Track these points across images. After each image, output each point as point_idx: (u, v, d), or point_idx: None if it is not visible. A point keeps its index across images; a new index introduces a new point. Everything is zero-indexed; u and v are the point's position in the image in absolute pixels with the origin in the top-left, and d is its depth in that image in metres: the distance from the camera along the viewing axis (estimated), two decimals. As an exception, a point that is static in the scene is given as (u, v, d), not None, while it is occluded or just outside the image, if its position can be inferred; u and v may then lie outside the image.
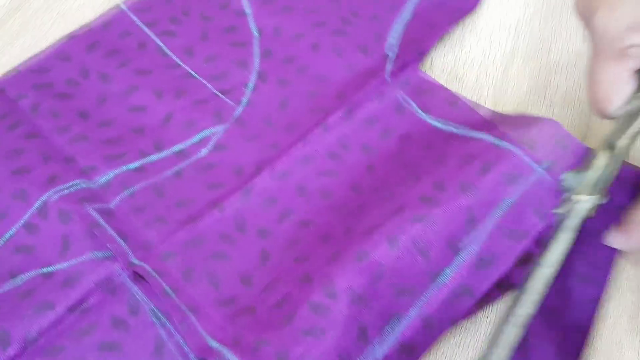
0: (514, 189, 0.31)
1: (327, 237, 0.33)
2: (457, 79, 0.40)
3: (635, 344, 0.31)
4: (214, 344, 0.30)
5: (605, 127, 0.38)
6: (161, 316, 0.31)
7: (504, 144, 0.33)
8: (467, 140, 0.35)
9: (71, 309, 0.31)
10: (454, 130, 0.37)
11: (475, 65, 0.41)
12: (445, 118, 0.37)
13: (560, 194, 0.30)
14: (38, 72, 0.40)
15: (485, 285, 0.30)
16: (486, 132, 0.34)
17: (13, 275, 0.32)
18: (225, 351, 0.29)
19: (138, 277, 0.31)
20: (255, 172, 0.35)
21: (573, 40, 0.42)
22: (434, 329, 0.30)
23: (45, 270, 0.32)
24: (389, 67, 0.39)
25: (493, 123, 0.36)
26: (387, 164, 0.36)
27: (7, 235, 0.33)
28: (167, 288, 0.31)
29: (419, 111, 0.38)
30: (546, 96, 0.39)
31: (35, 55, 0.40)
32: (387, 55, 0.40)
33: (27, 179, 0.35)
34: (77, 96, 0.39)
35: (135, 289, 0.31)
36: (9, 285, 0.32)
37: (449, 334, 0.31)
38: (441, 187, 0.32)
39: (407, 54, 0.39)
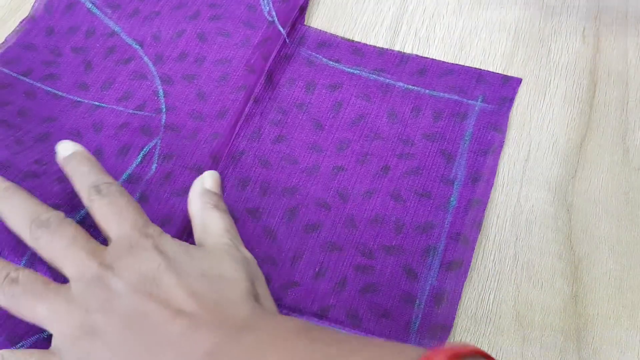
0: (467, 122, 0.38)
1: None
2: (457, 79, 0.40)
3: (635, 344, 0.31)
4: None
5: (605, 127, 0.38)
6: None
7: (439, 94, 0.39)
8: (401, 91, 0.39)
9: None
10: (378, 78, 0.39)
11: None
12: (359, 65, 0.40)
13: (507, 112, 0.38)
14: None
15: (487, 193, 0.36)
16: (414, 84, 0.39)
17: None
18: None
19: None
20: (213, 163, 0.35)
21: (573, 40, 0.42)
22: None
23: None
24: (280, 29, 0.40)
25: (412, 71, 0.40)
26: (330, 117, 0.38)
27: None
28: None
29: (330, 62, 0.40)
30: (546, 96, 0.39)
31: None
32: (270, 21, 0.41)
33: None
34: None
35: None
36: None
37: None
38: (409, 142, 0.37)
39: (287, 13, 0.41)
